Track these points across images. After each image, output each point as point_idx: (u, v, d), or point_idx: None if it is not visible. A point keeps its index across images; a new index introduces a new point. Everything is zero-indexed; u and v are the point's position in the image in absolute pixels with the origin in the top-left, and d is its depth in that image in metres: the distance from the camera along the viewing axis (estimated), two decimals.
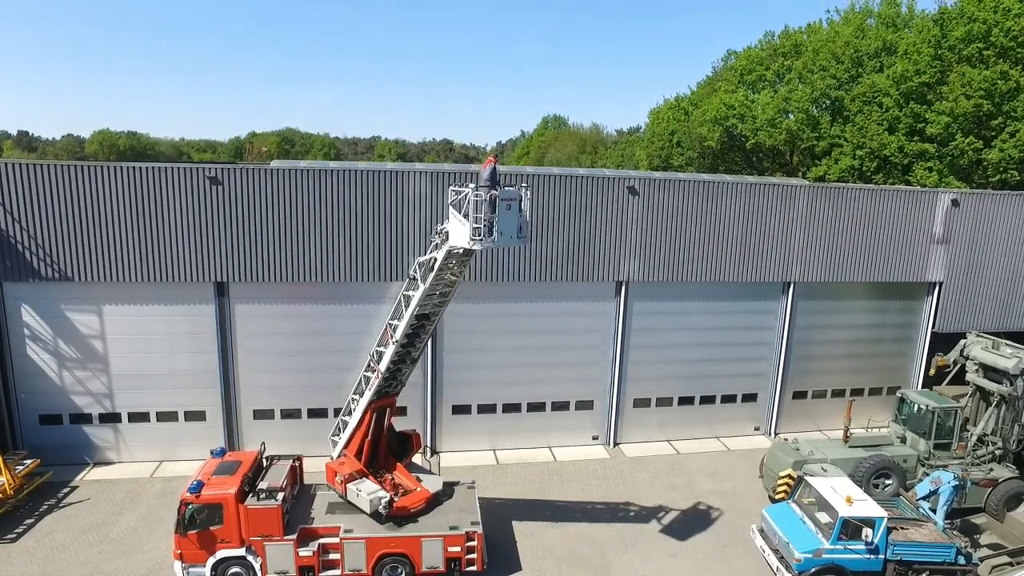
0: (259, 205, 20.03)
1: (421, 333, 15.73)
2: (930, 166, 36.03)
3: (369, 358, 16.13)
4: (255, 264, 20.32)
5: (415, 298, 14.59)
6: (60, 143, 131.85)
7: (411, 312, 14.75)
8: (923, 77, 36.43)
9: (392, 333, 15.26)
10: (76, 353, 20.44)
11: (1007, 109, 33.84)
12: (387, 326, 15.53)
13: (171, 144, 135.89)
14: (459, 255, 13.89)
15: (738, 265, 23.51)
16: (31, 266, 19.47)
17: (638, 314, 23.33)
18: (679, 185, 22.75)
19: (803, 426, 25.62)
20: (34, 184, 19.03)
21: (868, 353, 25.95)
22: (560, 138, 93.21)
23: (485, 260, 21.50)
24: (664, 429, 24.67)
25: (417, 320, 15.08)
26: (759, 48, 50.65)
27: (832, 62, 42.45)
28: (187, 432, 21.43)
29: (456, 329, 22.08)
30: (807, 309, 24.87)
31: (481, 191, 12.53)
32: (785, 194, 23.55)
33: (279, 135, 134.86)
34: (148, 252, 19.79)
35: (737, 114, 46.59)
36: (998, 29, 33.68)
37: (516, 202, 12.95)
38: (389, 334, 15.36)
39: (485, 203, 12.46)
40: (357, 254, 20.74)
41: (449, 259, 13.90)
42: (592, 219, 22.05)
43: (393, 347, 15.27)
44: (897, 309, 25.91)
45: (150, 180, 19.46)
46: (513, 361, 22.69)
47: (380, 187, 20.54)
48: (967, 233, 25.06)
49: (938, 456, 19.90)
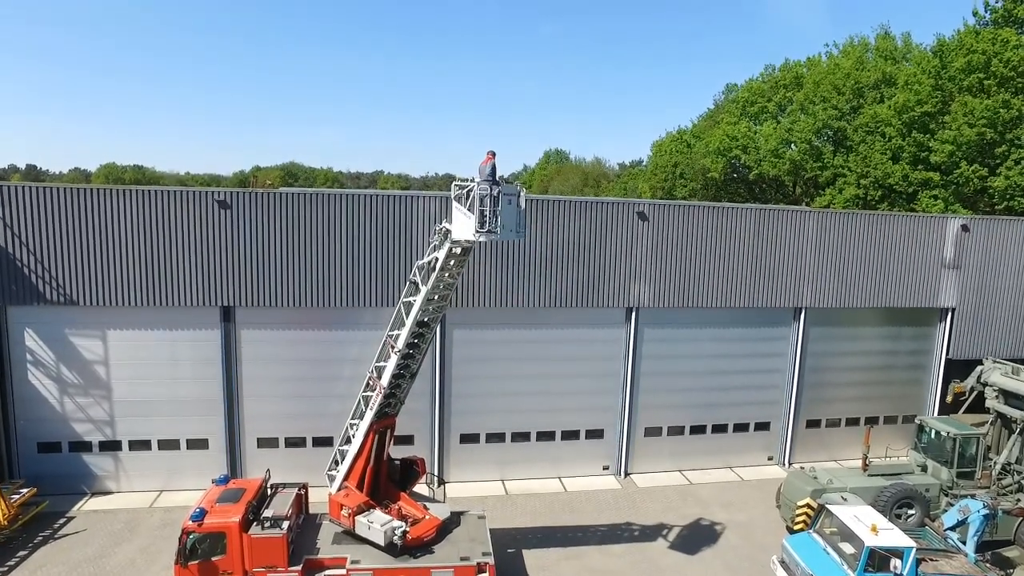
0: (267, 229, 19.91)
1: (420, 343, 15.67)
2: (935, 194, 36.10)
3: (368, 376, 15.82)
4: (262, 289, 20.11)
5: (417, 302, 14.58)
6: (67, 177, 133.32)
7: (413, 318, 14.68)
8: (925, 107, 36.79)
9: (394, 343, 15.13)
10: (78, 379, 20.08)
11: (1011, 137, 34.07)
12: (387, 338, 15.41)
13: (176, 178, 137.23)
14: (457, 255, 14.19)
15: (749, 290, 23.28)
16: (36, 290, 19.26)
17: (648, 341, 23.01)
18: (689, 210, 22.67)
19: (817, 456, 25.05)
20: (42, 207, 18.95)
21: (882, 380, 25.52)
22: (563, 171, 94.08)
23: (493, 285, 21.31)
24: (676, 459, 24.11)
25: (417, 327, 15.08)
26: (760, 80, 51.34)
27: (833, 93, 42.96)
28: (189, 461, 20.92)
29: (464, 357, 21.76)
30: (819, 335, 24.55)
31: (485, 185, 12.94)
32: (795, 219, 23.46)
33: (283, 169, 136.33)
34: (154, 276, 19.60)
35: (740, 145, 46.98)
36: (997, 60, 34.11)
37: (516, 197, 13.53)
38: (390, 345, 15.22)
39: (489, 197, 12.88)
40: (365, 279, 20.54)
41: (449, 258, 14.14)
42: (601, 244, 21.91)
43: (395, 358, 15.10)
44: (910, 335, 25.58)
45: (158, 204, 19.38)
46: (522, 389, 22.29)
47: (389, 212, 20.45)
48: (978, 258, 24.89)
49: (962, 485, 19.33)
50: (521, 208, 13.72)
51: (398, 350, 14.98)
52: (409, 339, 15.00)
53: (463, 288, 21.11)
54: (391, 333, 15.29)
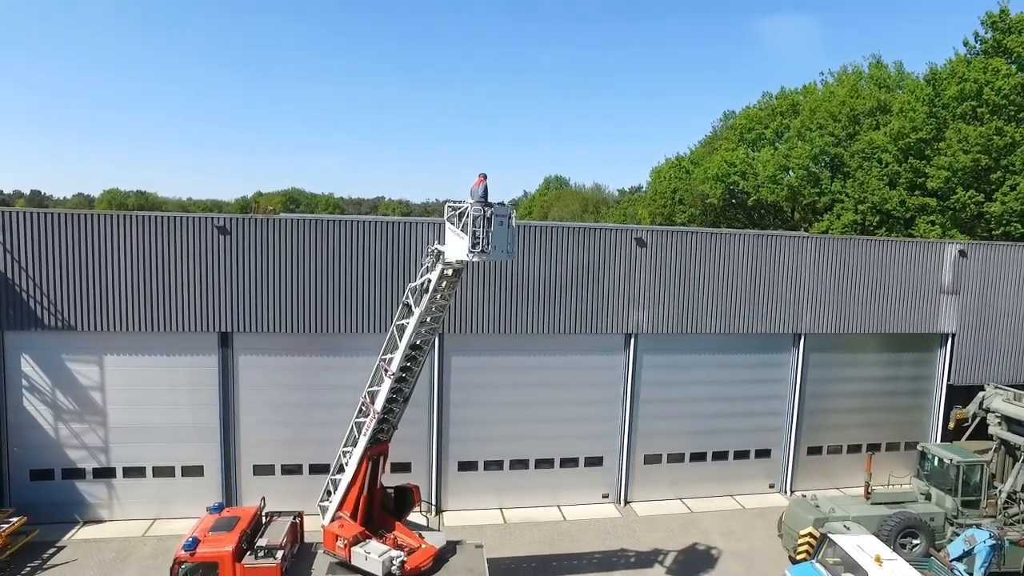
0: (267, 255, 19.96)
1: (413, 366, 15.70)
2: (933, 220, 36.27)
3: (360, 402, 15.74)
4: (261, 314, 20.09)
5: (411, 324, 14.66)
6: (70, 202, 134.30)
7: (406, 341, 14.76)
8: (920, 133, 37.14)
9: (387, 367, 15.15)
10: (74, 405, 19.95)
11: (1005, 163, 34.32)
12: (379, 362, 15.44)
13: (178, 204, 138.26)
14: (449, 276, 14.38)
15: (748, 316, 23.25)
16: (35, 315, 19.25)
17: (648, 367, 22.91)
18: (687, 236, 22.75)
19: (819, 483, 24.75)
20: (42, 233, 19.03)
21: (883, 407, 25.34)
22: (562, 198, 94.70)
23: (492, 311, 21.29)
24: (676, 487, 23.83)
25: (411, 350, 15.16)
26: (758, 108, 51.94)
27: (829, 120, 43.44)
28: (184, 488, 20.67)
29: (463, 383, 21.66)
30: (819, 361, 24.44)
31: (477, 206, 13.18)
32: (793, 245, 23.53)
33: (284, 195, 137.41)
34: (153, 301, 19.60)
35: (738, 171, 47.36)
36: (989, 88, 34.51)
37: (507, 218, 13.73)
38: (384, 369, 15.24)
39: (483, 218, 13.12)
40: (364, 305, 20.53)
41: (441, 280, 14.30)
42: (600, 271, 21.94)
43: (389, 381, 15.10)
44: (911, 361, 25.47)
45: (158, 229, 19.47)
46: (521, 416, 22.13)
47: (389, 238, 20.53)
48: (977, 284, 24.90)
49: (967, 514, 19.06)
50: (512, 229, 13.94)
51: (392, 373, 15.00)
52: (402, 362, 15.04)
53: (462, 314, 21.11)
54: (384, 357, 15.33)
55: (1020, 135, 33.69)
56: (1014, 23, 35.11)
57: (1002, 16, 35.68)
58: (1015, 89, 33.94)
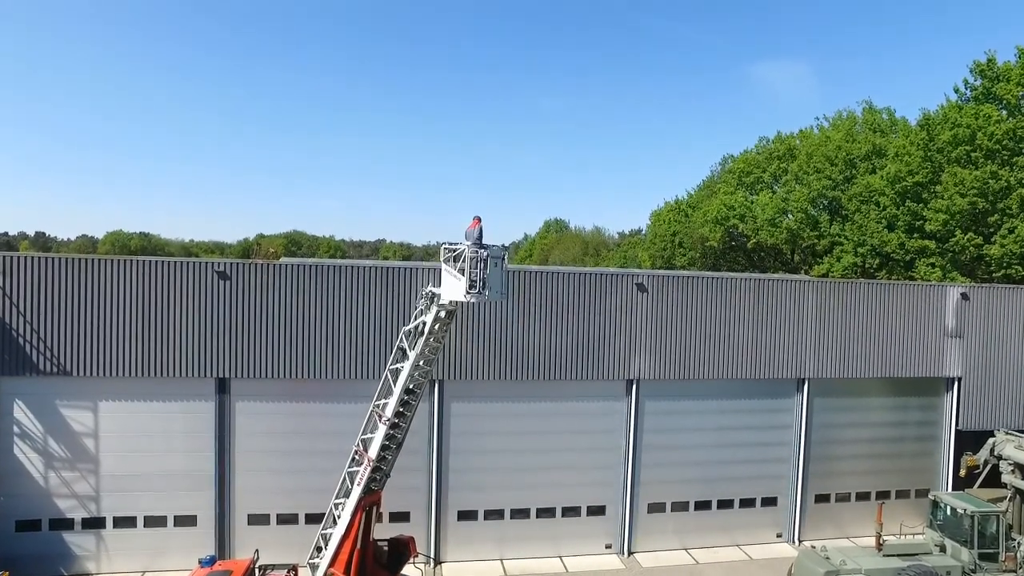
0: (266, 300, 19.88)
1: (407, 412, 15.61)
2: (932, 262, 36.34)
3: (353, 450, 15.49)
4: (259, 360, 19.89)
5: (405, 368, 14.67)
6: (74, 244, 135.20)
7: (401, 385, 14.73)
8: (916, 177, 37.55)
9: (382, 412, 15.04)
10: (65, 452, 19.56)
11: (1002, 207, 34.55)
12: (373, 409, 15.32)
13: (181, 245, 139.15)
14: (443, 318, 14.47)
15: (751, 362, 23.03)
16: (30, 360, 19.05)
17: (650, 413, 22.59)
18: (688, 281, 22.72)
19: (828, 532, 24.08)
20: (42, 277, 18.98)
21: (891, 453, 24.85)
22: (563, 241, 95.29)
23: (492, 357, 21.09)
24: (681, 536, 23.18)
25: (405, 395, 15.13)
26: (755, 152, 52.69)
27: (826, 164, 43.99)
28: (175, 539, 20.09)
29: (462, 430, 21.31)
30: (824, 407, 24.09)
31: (474, 248, 13.44)
32: (794, 289, 23.47)
33: (286, 237, 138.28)
34: (151, 346, 19.43)
35: (737, 214, 47.72)
36: (982, 133, 35.02)
37: (501, 260, 13.98)
38: (377, 415, 15.13)
39: (479, 259, 13.36)
40: (364, 351, 20.35)
41: (435, 322, 14.40)
42: (601, 316, 21.83)
43: (384, 428, 14.99)
44: (917, 406, 25.10)
45: (159, 274, 19.44)
46: (521, 464, 21.69)
47: (388, 284, 20.49)
48: (980, 327, 24.73)
49: (985, 568, 18.42)
50: (506, 270, 14.22)
51: (387, 419, 14.94)
52: (397, 407, 14.98)
53: (462, 360, 20.92)
54: (378, 403, 15.25)
55: (1015, 179, 34.03)
56: (1002, 71, 35.89)
57: (990, 65, 36.50)
58: (1007, 134, 34.45)
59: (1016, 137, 34.41)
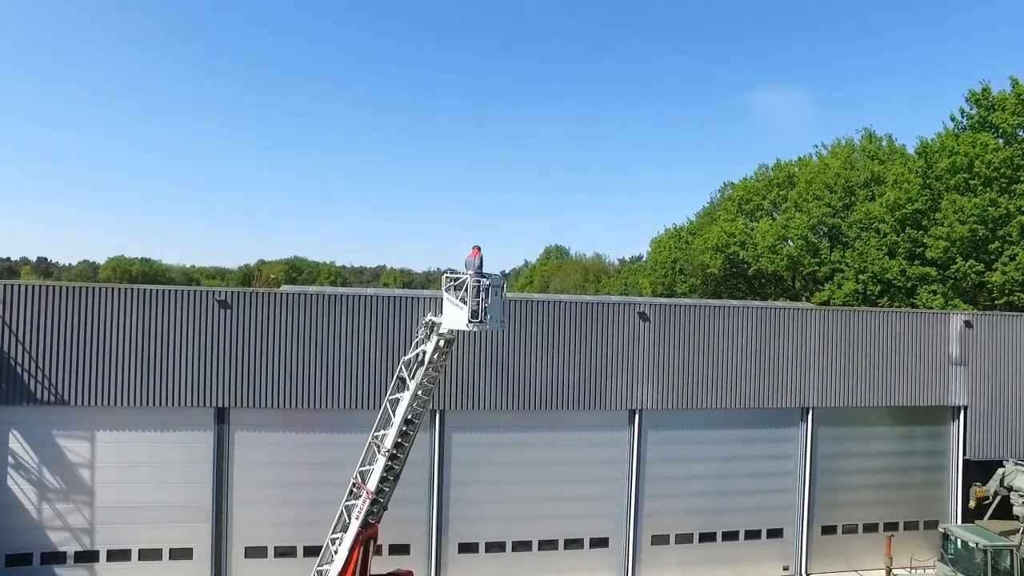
0: (267, 329, 19.80)
1: (405, 443, 15.56)
2: (934, 289, 36.28)
3: (351, 483, 15.31)
4: (259, 389, 19.74)
5: (405, 398, 14.68)
6: (75, 269, 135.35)
7: (401, 415, 14.71)
8: (916, 204, 37.69)
9: (380, 443, 14.99)
10: (60, 483, 19.27)
11: (1002, 234, 34.61)
12: (372, 440, 15.25)
13: (182, 271, 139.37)
14: (442, 347, 14.60)
15: (754, 391, 22.86)
16: (28, 389, 18.89)
17: (653, 444, 22.34)
18: (690, 310, 22.68)
19: (835, 565, 23.66)
20: (42, 306, 18.92)
21: (899, 483, 24.49)
22: (563, 267, 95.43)
23: (493, 387, 20.95)
24: (685, 568, 22.72)
25: (403, 425, 15.13)
26: (755, 179, 53.01)
27: (825, 191, 44.23)
28: (171, 572, 19.69)
29: (463, 460, 21.06)
30: (829, 436, 23.83)
31: (477, 277, 13.65)
32: (797, 318, 23.39)
33: (287, 263, 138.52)
34: (150, 375, 19.29)
35: (738, 241, 47.83)
36: (979, 161, 35.24)
37: (501, 289, 14.20)
38: (376, 447, 15.06)
39: (481, 288, 13.56)
40: (365, 380, 20.19)
41: (435, 351, 14.53)
42: (602, 345, 21.74)
43: (383, 459, 14.95)
44: (923, 435, 24.80)
45: (160, 303, 19.39)
46: (523, 495, 21.39)
47: (388, 313, 20.44)
48: (985, 355, 24.57)
49: None
50: (505, 299, 14.44)
51: (386, 450, 14.87)
52: (396, 438, 14.86)
53: (463, 390, 20.77)
54: (377, 434, 15.16)
55: (1014, 206, 34.15)
56: (997, 101, 36.29)
57: (984, 94, 36.92)
58: (1004, 162, 34.68)
59: (1014, 165, 34.64)
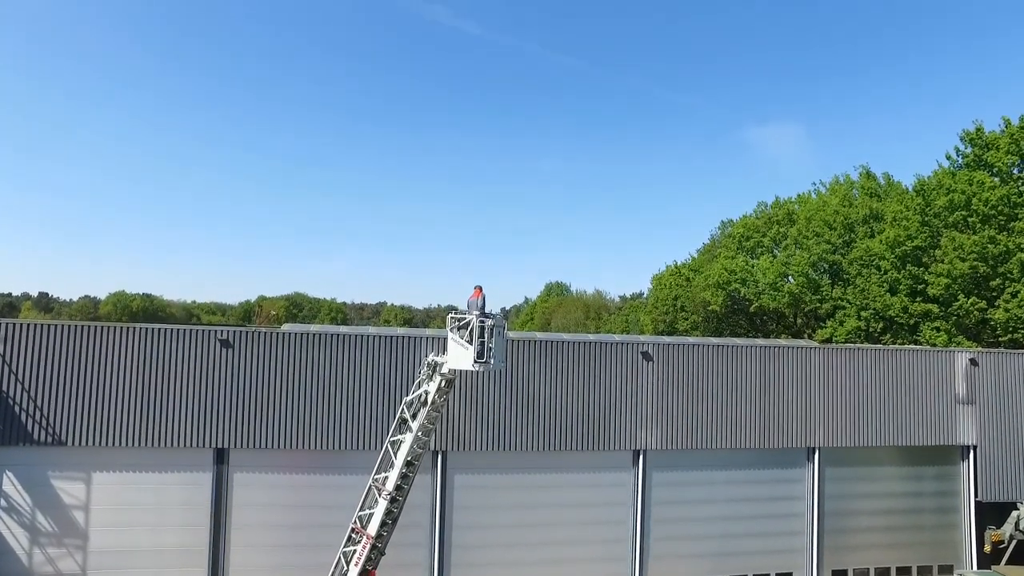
0: (269, 369, 19.66)
1: (404, 485, 15.39)
2: (937, 326, 36.18)
3: (350, 528, 14.99)
4: (260, 429, 19.49)
5: (408, 440, 14.57)
6: (76, 304, 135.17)
7: (403, 457, 14.60)
8: (915, 241, 37.85)
9: (382, 486, 14.82)
10: (53, 527, 18.85)
11: (1003, 271, 34.66)
12: (372, 483, 15.07)
13: (182, 306, 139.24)
14: (443, 387, 14.62)
15: (759, 431, 22.60)
16: (24, 429, 18.64)
17: (658, 485, 21.98)
18: (693, 349, 22.57)
19: None
20: (42, 344, 18.80)
21: (910, 525, 23.99)
22: (564, 304, 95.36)
23: (496, 428, 20.72)
24: None
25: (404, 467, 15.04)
26: (754, 216, 53.36)
27: (825, 228, 44.45)
28: None
29: (466, 503, 20.68)
30: (836, 476, 23.44)
31: (483, 318, 13.71)
32: (801, 357, 23.27)
33: (287, 299, 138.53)
34: (150, 415, 19.05)
35: (739, 278, 47.89)
36: (977, 199, 35.53)
37: (502, 329, 14.36)
38: (377, 489, 14.86)
39: (487, 329, 13.63)
40: (365, 421, 19.96)
41: (437, 391, 14.54)
42: (605, 386, 21.58)
43: (384, 503, 14.74)
44: (933, 476, 24.40)
45: (160, 342, 19.29)
46: (527, 538, 20.92)
47: (390, 353, 20.34)
48: (993, 394, 24.34)
49: None
50: (505, 338, 14.64)
51: (388, 493, 14.63)
52: (398, 481, 14.64)
53: (466, 431, 20.53)
54: (377, 477, 14.95)
55: (1013, 244, 34.29)
56: (990, 140, 36.77)
57: (978, 133, 37.45)
58: (1001, 200, 34.97)
59: (1011, 203, 34.91)
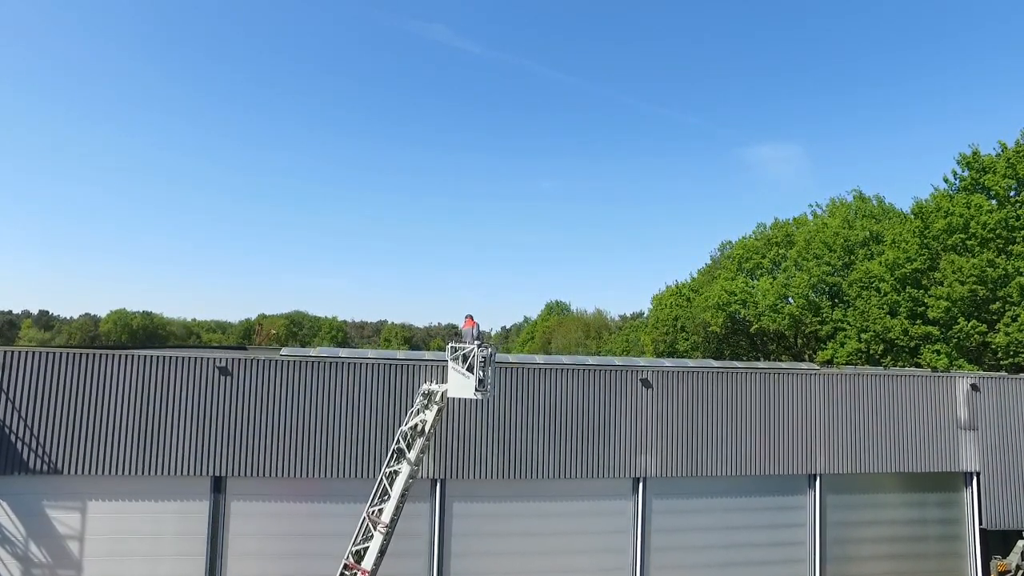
0: (267, 396, 19.56)
1: (395, 515, 15.42)
2: (938, 349, 36.09)
3: (342, 565, 14.86)
4: (258, 457, 19.34)
5: (404, 470, 14.63)
6: (76, 322, 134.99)
7: (400, 488, 14.63)
8: (915, 264, 37.88)
9: (377, 519, 14.73)
10: (47, 558, 18.63)
11: (1003, 294, 34.64)
12: (366, 515, 14.96)
13: (183, 324, 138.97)
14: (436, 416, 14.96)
15: (760, 457, 22.43)
16: (20, 457, 18.52)
17: (658, 513, 21.75)
18: (693, 375, 22.50)
19: None
20: (39, 371, 18.72)
21: (914, 553, 23.70)
22: (564, 323, 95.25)
23: (495, 456, 20.56)
24: None
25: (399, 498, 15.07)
26: (753, 238, 53.49)
27: (824, 250, 44.52)
28: None
29: (465, 531, 20.43)
30: (838, 504, 23.21)
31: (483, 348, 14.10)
32: (802, 381, 23.18)
33: (288, 318, 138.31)
34: (147, 443, 18.92)
35: (739, 300, 47.89)
36: (975, 222, 35.62)
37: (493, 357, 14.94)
38: (373, 522, 14.77)
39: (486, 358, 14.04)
40: (364, 449, 19.79)
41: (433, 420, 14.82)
42: (604, 412, 21.46)
43: (380, 536, 14.61)
44: (936, 503, 24.16)
45: (159, 369, 19.23)
46: (526, 568, 20.64)
47: (388, 379, 20.24)
48: (995, 419, 24.20)
49: None
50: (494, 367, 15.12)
51: (384, 526, 14.51)
52: (394, 513, 14.53)
53: (465, 459, 20.36)
54: (372, 509, 14.78)
55: (1012, 267, 34.32)
56: (986, 163, 36.96)
57: (975, 156, 37.64)
58: (999, 223, 35.06)
59: (1008, 227, 35.00)
